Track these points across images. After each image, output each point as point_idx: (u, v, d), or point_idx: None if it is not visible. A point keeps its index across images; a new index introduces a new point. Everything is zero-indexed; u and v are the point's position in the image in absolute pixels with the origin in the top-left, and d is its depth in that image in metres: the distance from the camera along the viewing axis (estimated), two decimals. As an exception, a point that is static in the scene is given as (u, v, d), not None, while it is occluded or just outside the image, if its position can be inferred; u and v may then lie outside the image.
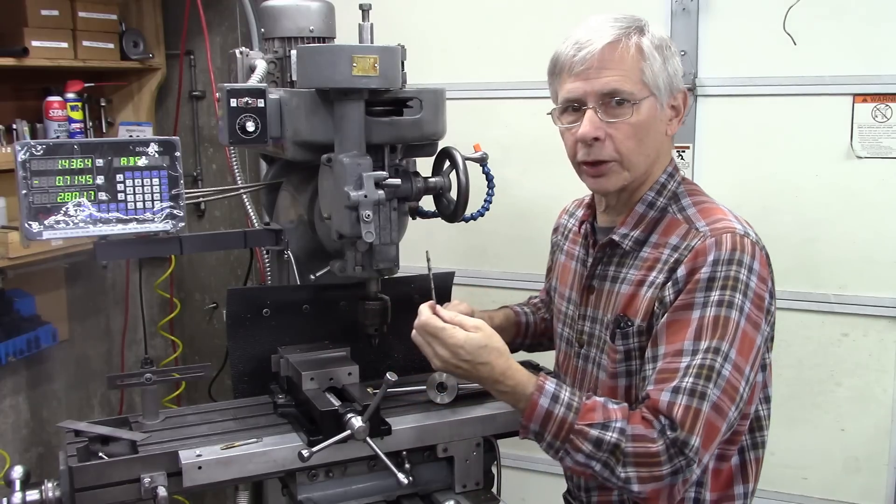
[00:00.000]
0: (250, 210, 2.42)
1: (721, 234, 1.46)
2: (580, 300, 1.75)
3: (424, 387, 1.87)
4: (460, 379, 1.61)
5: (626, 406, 1.46)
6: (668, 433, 1.37)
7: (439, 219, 1.94)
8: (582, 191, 2.68)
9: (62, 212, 1.68)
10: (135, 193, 1.74)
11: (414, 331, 1.58)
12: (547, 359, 2.16)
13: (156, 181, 1.75)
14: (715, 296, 1.41)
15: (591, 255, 1.73)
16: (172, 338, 3.38)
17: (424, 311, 1.57)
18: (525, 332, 2.06)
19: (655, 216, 1.59)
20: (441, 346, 1.52)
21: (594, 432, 1.40)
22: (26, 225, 1.66)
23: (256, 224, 2.41)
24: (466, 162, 1.81)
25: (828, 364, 2.47)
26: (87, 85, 2.95)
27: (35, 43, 2.71)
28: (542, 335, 2.08)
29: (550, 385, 1.47)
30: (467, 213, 1.87)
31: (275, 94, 1.79)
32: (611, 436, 1.39)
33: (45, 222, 1.67)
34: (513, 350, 1.71)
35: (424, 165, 1.91)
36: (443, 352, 1.51)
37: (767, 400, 1.60)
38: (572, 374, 1.77)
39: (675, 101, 1.58)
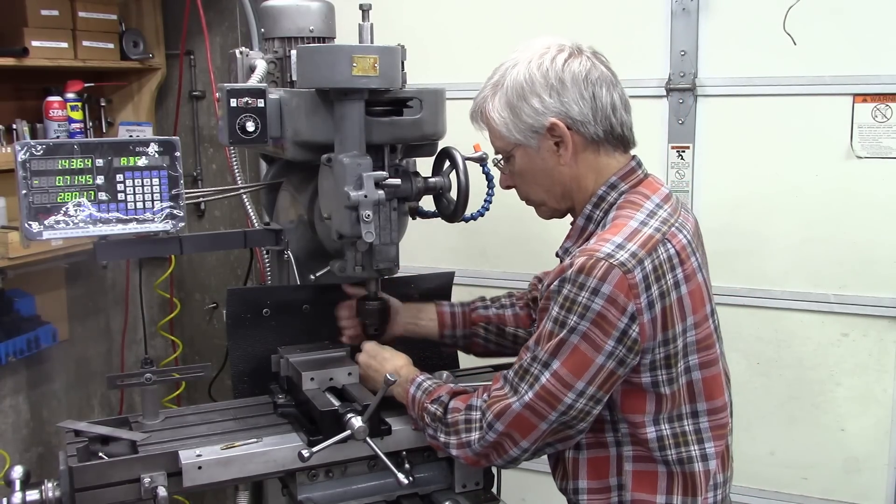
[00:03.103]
0: (250, 210, 2.42)
1: (581, 255, 1.49)
2: None
3: (424, 387, 1.87)
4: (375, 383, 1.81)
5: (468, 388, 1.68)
6: (483, 409, 1.59)
7: (439, 219, 1.94)
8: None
9: (62, 212, 1.68)
10: (135, 193, 1.73)
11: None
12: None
13: (156, 181, 1.75)
14: (554, 311, 1.50)
15: None
16: (172, 338, 3.38)
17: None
18: (451, 323, 2.02)
19: (592, 229, 1.64)
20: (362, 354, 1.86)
21: (429, 406, 1.66)
22: (26, 225, 1.66)
23: (256, 224, 2.41)
24: (466, 162, 1.82)
25: (828, 364, 2.47)
26: (87, 85, 2.95)
27: (35, 43, 2.70)
28: (477, 324, 2.04)
29: (420, 377, 1.74)
30: (467, 213, 1.87)
31: (275, 94, 1.79)
32: (435, 408, 1.65)
33: (45, 222, 1.67)
34: (446, 341, 2.02)
35: (424, 165, 1.91)
36: (361, 356, 1.86)
37: (695, 415, 1.60)
38: None
39: (549, 136, 1.60)
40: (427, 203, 1.94)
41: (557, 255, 1.70)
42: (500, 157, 1.73)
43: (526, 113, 1.59)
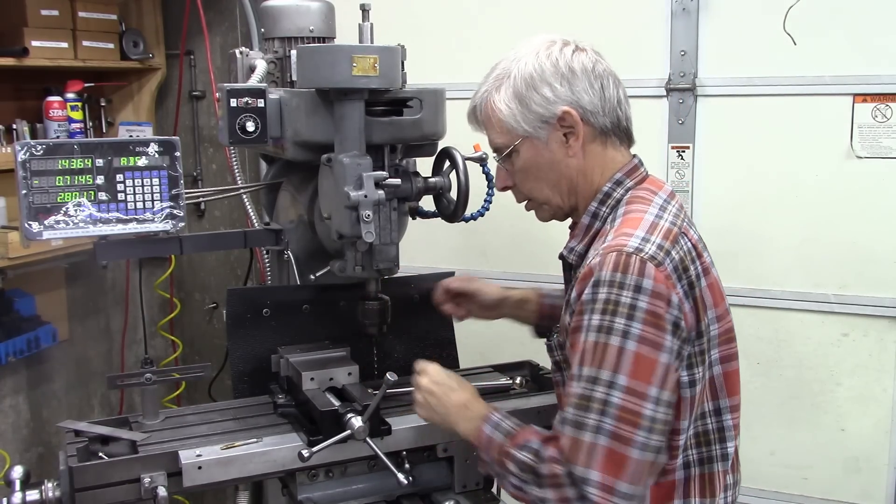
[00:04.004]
0: (250, 210, 2.42)
1: (607, 253, 1.41)
2: None
3: (424, 387, 1.87)
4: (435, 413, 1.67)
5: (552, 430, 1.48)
6: (563, 462, 1.40)
7: (439, 219, 1.94)
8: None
9: (62, 212, 1.68)
10: (135, 193, 1.73)
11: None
12: (547, 359, 2.16)
13: (156, 181, 1.75)
14: (595, 320, 1.38)
15: None
16: (172, 338, 3.38)
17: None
18: (549, 314, 1.98)
19: (598, 227, 1.58)
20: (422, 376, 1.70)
21: (517, 454, 1.47)
22: (26, 225, 1.66)
23: (256, 224, 2.41)
24: (466, 162, 1.81)
25: (828, 364, 2.47)
26: (87, 85, 2.95)
27: (35, 43, 2.70)
28: None
29: (496, 416, 1.57)
30: (467, 213, 1.87)
31: (275, 94, 1.79)
32: (525, 456, 1.46)
33: (45, 222, 1.67)
34: (539, 330, 1.99)
35: (424, 165, 1.91)
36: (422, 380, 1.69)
37: (718, 412, 1.56)
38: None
39: (559, 127, 1.55)
40: (427, 203, 1.94)
41: (562, 256, 1.65)
42: (496, 155, 1.68)
43: (536, 102, 1.55)
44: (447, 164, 1.86)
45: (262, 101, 1.75)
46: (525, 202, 1.69)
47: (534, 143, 1.58)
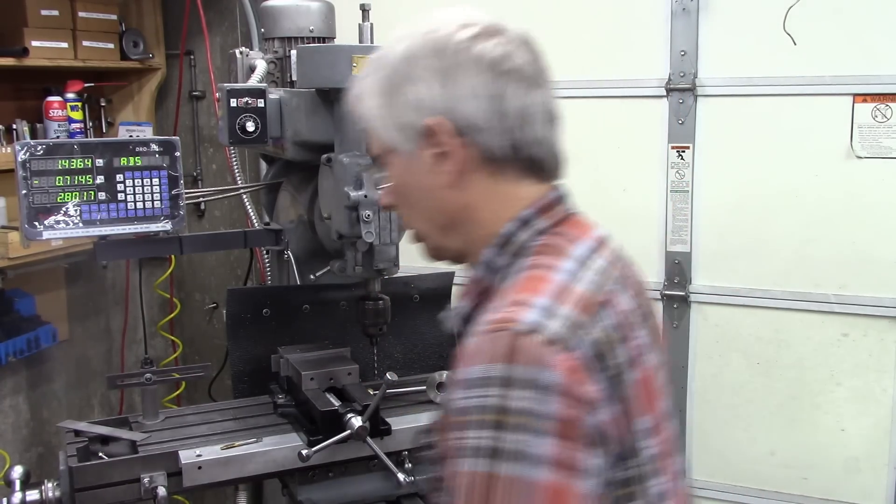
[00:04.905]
0: (250, 210, 2.42)
1: (488, 332, 0.95)
2: None
3: (424, 387, 1.87)
4: None
5: None
6: None
7: (439, 219, 1.94)
8: (583, 190, 2.67)
9: (62, 212, 1.68)
10: (135, 193, 1.74)
11: None
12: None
13: (156, 181, 1.75)
14: (471, 439, 0.90)
15: None
16: (172, 338, 3.38)
17: None
18: None
19: (491, 282, 1.09)
20: None
21: None
22: (26, 225, 1.66)
23: (256, 224, 2.41)
24: (466, 162, 1.81)
25: (828, 364, 2.47)
26: (87, 85, 2.95)
27: (35, 43, 2.70)
28: None
29: None
30: (467, 213, 1.86)
31: (275, 94, 1.80)
32: None
33: (45, 222, 1.67)
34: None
35: (424, 165, 1.91)
36: None
37: None
38: None
39: (428, 143, 1.07)
40: (427, 203, 1.94)
41: (452, 329, 1.16)
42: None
43: (401, 103, 1.08)
44: (447, 164, 1.85)
45: (262, 101, 1.75)
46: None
47: (401, 157, 1.11)
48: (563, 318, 0.96)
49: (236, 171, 2.42)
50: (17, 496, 1.55)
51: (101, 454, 1.67)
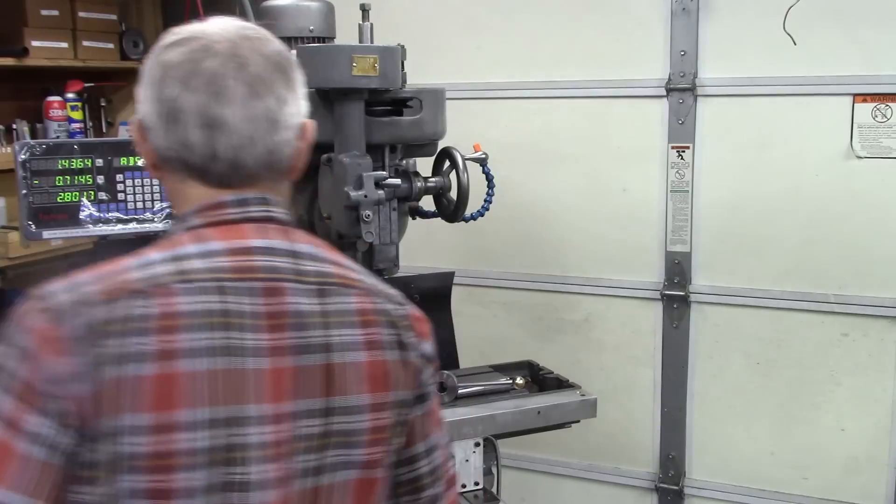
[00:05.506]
0: (250, 210, 2.42)
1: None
2: None
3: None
4: None
5: None
6: None
7: (439, 219, 1.94)
8: (583, 190, 2.67)
9: (62, 212, 1.68)
10: (135, 193, 1.74)
11: None
12: (547, 359, 2.16)
13: (156, 181, 1.75)
14: None
15: None
16: (172, 338, 3.38)
17: None
18: None
19: None
20: None
21: None
22: (26, 225, 1.66)
23: (256, 224, 2.40)
24: (466, 162, 1.82)
25: (828, 364, 2.47)
26: (87, 85, 2.95)
27: (35, 43, 2.71)
28: None
29: None
30: (467, 213, 1.87)
31: (275, 94, 1.79)
32: None
33: (45, 222, 1.67)
34: None
35: (424, 165, 1.91)
36: None
37: None
38: None
39: (135, 140, 1.16)
40: (427, 203, 1.94)
41: None
42: None
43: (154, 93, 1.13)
44: (447, 164, 1.86)
45: (262, 101, 1.75)
46: None
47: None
48: (77, 293, 1.04)
49: (236, 171, 2.42)
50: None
51: (101, 454, 1.67)
